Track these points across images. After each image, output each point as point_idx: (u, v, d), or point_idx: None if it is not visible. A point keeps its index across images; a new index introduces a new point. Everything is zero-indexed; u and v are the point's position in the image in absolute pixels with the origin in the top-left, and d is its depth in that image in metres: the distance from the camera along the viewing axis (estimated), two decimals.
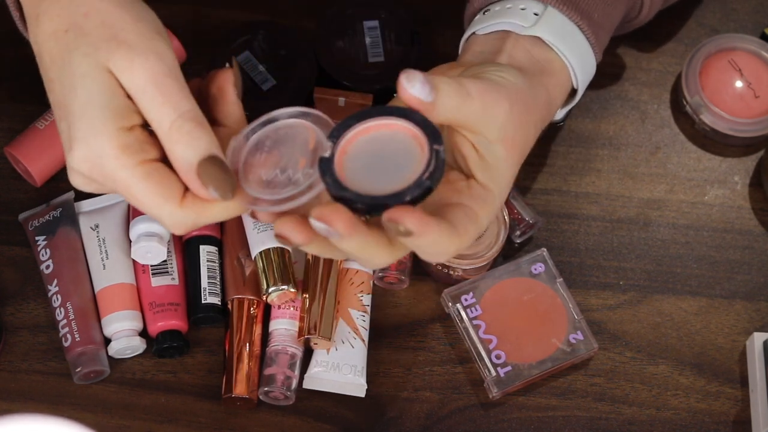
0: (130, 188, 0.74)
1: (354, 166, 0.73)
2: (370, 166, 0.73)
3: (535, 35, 0.85)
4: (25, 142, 0.96)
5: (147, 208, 0.75)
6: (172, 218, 0.74)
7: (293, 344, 0.92)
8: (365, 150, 0.74)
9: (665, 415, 0.94)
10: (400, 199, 0.72)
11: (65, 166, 0.97)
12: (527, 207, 0.97)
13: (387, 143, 0.74)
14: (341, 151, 0.74)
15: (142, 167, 0.73)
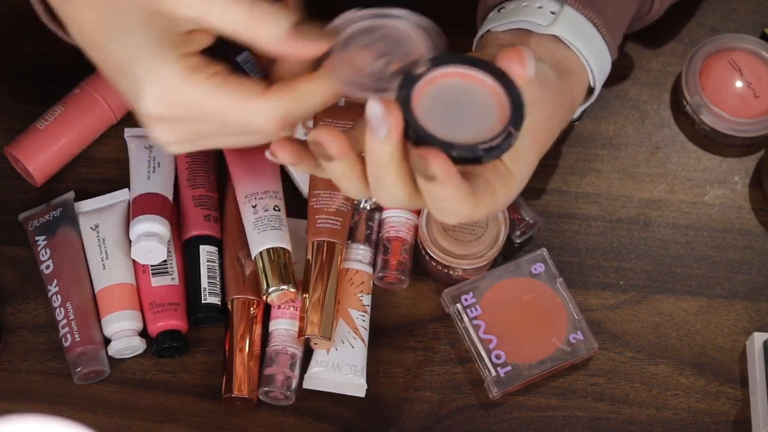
0: (208, 102, 0.73)
1: (430, 102, 0.73)
2: (444, 108, 0.73)
3: (554, 34, 0.84)
4: (25, 142, 0.96)
5: (233, 115, 0.73)
6: (262, 114, 0.73)
7: (293, 344, 0.92)
8: (445, 92, 0.73)
9: (665, 415, 0.94)
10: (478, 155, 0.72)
11: (65, 165, 0.97)
12: (527, 207, 0.97)
13: (470, 95, 0.74)
14: (426, 81, 0.73)
15: (213, 79, 0.73)
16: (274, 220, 0.93)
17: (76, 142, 0.97)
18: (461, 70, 0.74)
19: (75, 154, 0.98)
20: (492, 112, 0.73)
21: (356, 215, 0.96)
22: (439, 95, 0.73)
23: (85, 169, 0.98)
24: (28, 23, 1.01)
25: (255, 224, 0.93)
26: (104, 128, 0.98)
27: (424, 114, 0.72)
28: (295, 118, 0.75)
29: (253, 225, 0.93)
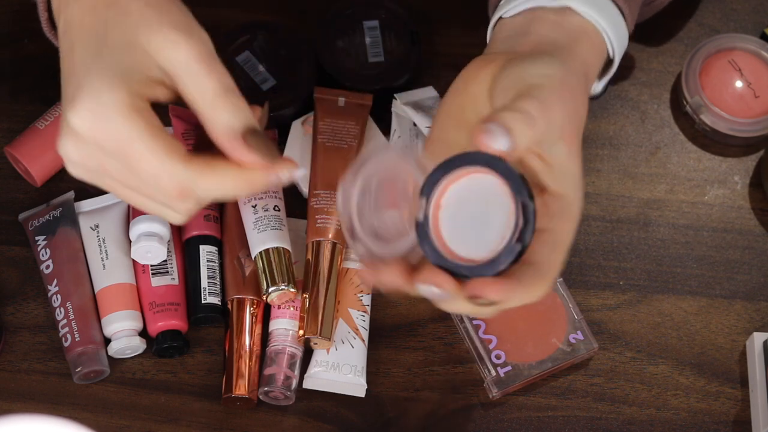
0: (134, 144, 0.72)
1: (449, 223, 0.73)
2: (464, 221, 0.73)
3: (566, 6, 0.82)
4: (25, 142, 0.96)
5: (147, 164, 0.73)
6: (173, 174, 0.73)
7: (293, 344, 0.92)
8: (457, 203, 0.73)
9: (665, 415, 0.94)
10: (496, 268, 0.72)
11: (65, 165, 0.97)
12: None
13: (477, 193, 0.73)
14: (435, 206, 0.73)
15: (149, 128, 0.73)
16: (274, 220, 0.93)
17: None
18: (451, 178, 0.73)
19: None
20: (501, 193, 0.72)
21: None
22: (452, 214, 0.73)
23: None
24: (28, 23, 1.01)
25: (255, 224, 0.93)
26: None
27: (456, 242, 0.73)
28: (200, 196, 0.74)
29: (253, 225, 0.93)
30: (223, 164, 0.74)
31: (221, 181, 0.74)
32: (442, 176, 0.73)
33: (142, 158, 0.73)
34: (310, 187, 0.95)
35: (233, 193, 0.75)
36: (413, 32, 1.01)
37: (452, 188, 0.73)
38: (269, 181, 0.74)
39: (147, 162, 0.73)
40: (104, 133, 0.73)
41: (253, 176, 0.74)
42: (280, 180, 0.74)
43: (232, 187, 0.74)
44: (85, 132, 0.73)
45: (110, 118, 0.72)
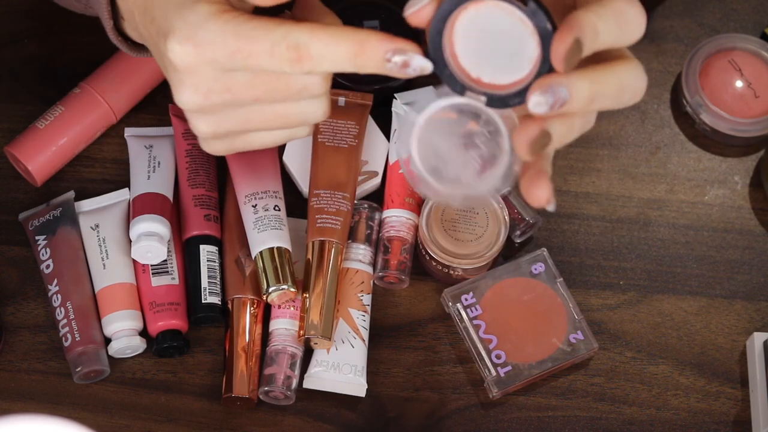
0: (239, 34, 0.70)
1: (466, 48, 0.71)
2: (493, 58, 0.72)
3: None
4: (25, 142, 0.96)
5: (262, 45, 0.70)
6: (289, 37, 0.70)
7: (293, 344, 0.92)
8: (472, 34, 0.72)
9: (665, 415, 0.94)
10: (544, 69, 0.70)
11: (65, 165, 0.97)
12: (527, 207, 0.97)
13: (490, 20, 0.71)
14: (449, 41, 0.71)
15: (245, 14, 0.72)
16: (274, 220, 0.93)
17: (76, 142, 0.97)
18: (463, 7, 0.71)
19: (75, 154, 0.98)
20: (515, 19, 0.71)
21: (356, 215, 0.96)
22: (469, 41, 0.71)
23: (85, 168, 0.98)
24: (29, 23, 1.01)
25: (255, 224, 0.93)
26: (104, 128, 0.98)
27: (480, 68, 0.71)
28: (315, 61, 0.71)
29: (253, 225, 0.93)
30: (336, 27, 0.72)
31: (334, 39, 0.71)
32: (452, 9, 0.71)
33: (252, 41, 0.71)
34: (311, 187, 0.95)
35: (345, 54, 0.71)
36: (413, 32, 1.01)
37: (461, 21, 0.72)
38: (383, 49, 0.71)
39: (259, 42, 0.71)
40: (211, 46, 0.71)
41: (367, 39, 0.71)
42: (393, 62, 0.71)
43: (345, 47, 0.71)
44: (193, 58, 0.71)
45: (209, 28, 0.71)
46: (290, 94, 0.74)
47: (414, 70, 0.72)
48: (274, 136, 0.78)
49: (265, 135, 0.77)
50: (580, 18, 0.70)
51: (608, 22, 0.71)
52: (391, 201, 0.96)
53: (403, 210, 0.96)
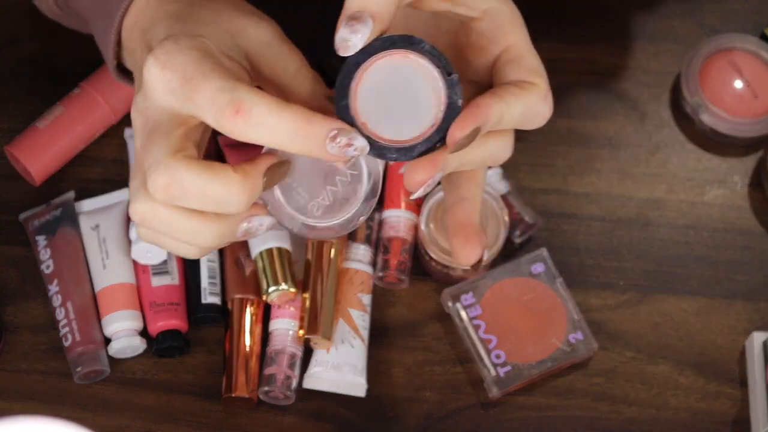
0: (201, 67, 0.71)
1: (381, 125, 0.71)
2: (394, 113, 0.71)
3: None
4: (24, 141, 0.96)
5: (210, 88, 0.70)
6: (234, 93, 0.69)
7: (293, 344, 0.92)
8: (375, 99, 0.71)
9: (665, 414, 0.94)
10: (456, 108, 0.70)
11: (65, 166, 0.97)
12: (527, 207, 0.97)
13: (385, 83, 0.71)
14: (353, 96, 0.71)
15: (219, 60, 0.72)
16: None
17: (76, 142, 0.97)
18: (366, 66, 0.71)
19: (75, 154, 0.98)
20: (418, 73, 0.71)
21: None
22: (374, 101, 0.72)
23: (85, 169, 0.98)
24: (29, 23, 1.01)
25: None
26: (104, 128, 0.98)
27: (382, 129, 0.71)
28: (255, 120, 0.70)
29: None
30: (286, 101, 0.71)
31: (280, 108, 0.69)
32: (356, 66, 0.71)
33: (206, 78, 0.70)
34: None
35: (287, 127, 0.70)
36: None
37: (361, 90, 0.72)
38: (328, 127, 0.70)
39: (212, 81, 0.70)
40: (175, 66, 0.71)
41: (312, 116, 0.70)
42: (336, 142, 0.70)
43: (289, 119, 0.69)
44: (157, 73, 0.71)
45: (184, 53, 0.71)
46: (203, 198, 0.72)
47: (356, 150, 0.71)
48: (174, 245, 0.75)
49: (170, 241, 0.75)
50: (488, 108, 0.70)
51: (515, 114, 0.72)
52: (390, 201, 0.96)
53: (402, 210, 0.96)
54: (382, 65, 0.72)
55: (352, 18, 0.71)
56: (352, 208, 0.73)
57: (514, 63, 0.74)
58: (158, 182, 0.70)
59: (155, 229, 0.72)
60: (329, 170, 0.73)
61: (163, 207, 0.71)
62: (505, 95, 0.72)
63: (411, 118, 0.71)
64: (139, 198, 0.71)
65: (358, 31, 0.71)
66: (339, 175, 0.73)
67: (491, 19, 0.74)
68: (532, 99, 0.72)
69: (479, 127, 0.70)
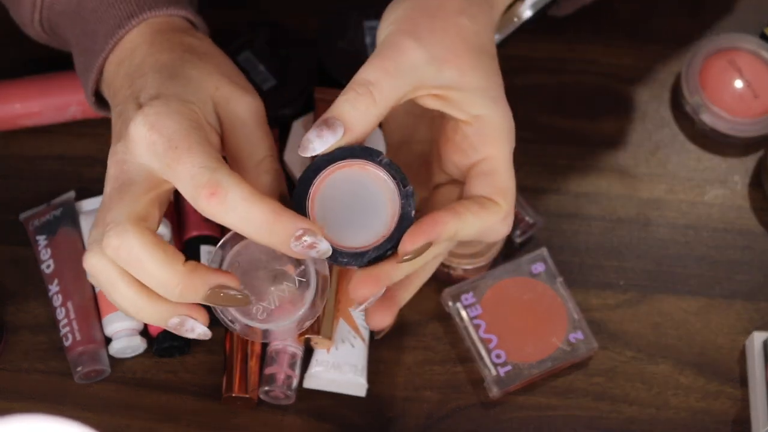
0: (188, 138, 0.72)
1: (336, 231, 0.74)
2: (347, 219, 0.74)
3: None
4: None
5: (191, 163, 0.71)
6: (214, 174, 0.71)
7: (294, 344, 0.92)
8: (329, 209, 0.74)
9: (665, 414, 0.94)
10: (409, 219, 0.73)
11: (65, 165, 0.97)
12: (527, 207, 0.97)
13: (337, 193, 0.74)
14: (311, 205, 0.74)
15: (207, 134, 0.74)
16: None
17: (44, 108, 0.97)
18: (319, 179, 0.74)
19: (29, 124, 0.98)
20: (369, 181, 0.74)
21: None
22: (330, 210, 0.74)
23: (85, 169, 0.98)
24: None
25: None
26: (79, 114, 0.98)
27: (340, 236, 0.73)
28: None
29: None
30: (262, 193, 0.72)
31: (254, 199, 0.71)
32: (305, 195, 0.74)
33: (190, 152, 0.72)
34: None
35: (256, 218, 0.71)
36: None
37: (316, 202, 0.74)
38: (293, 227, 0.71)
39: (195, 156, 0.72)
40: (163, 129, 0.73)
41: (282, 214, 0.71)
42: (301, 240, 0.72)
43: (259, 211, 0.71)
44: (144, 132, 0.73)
45: (174, 118, 0.73)
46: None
47: (317, 253, 0.72)
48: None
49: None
50: (444, 226, 0.72)
51: (471, 231, 0.74)
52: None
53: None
54: (340, 175, 0.74)
55: (324, 123, 0.72)
56: (297, 312, 0.74)
57: (485, 177, 0.75)
58: (111, 242, 0.72)
59: (101, 283, 0.74)
60: (278, 273, 0.74)
61: (111, 265, 0.73)
62: (464, 213, 0.73)
63: (365, 226, 0.74)
64: (93, 249, 0.74)
65: (324, 137, 0.73)
66: (287, 279, 0.74)
67: (479, 127, 0.75)
68: (491, 219, 0.74)
69: (432, 241, 0.72)
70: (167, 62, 0.77)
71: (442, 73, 0.74)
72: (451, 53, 0.74)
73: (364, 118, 0.73)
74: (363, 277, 0.73)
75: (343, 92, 0.74)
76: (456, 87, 0.74)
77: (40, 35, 0.88)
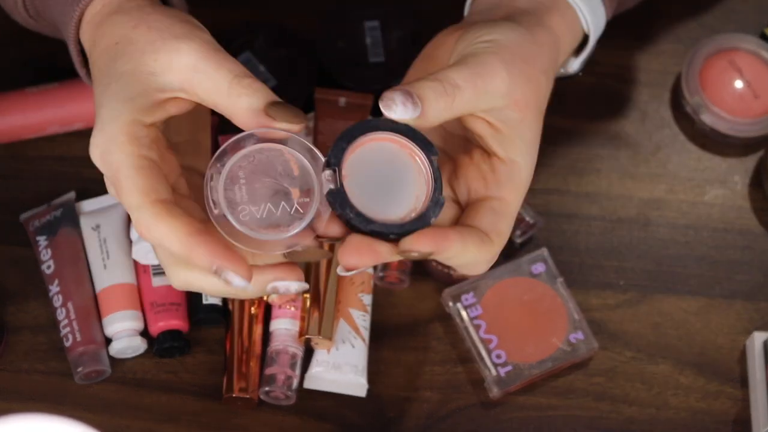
0: (119, 173, 0.74)
1: (358, 190, 0.73)
2: (373, 187, 0.74)
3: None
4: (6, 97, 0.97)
5: (126, 200, 0.74)
6: (141, 218, 0.73)
7: (294, 344, 0.92)
8: (362, 170, 0.74)
9: (665, 414, 0.94)
10: (426, 221, 0.73)
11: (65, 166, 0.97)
12: (528, 207, 0.97)
13: (381, 158, 0.74)
14: (351, 150, 0.74)
15: (139, 158, 0.74)
16: None
17: (50, 120, 0.97)
18: (353, 146, 0.74)
19: (44, 133, 0.97)
20: (404, 157, 0.74)
21: None
22: (360, 182, 0.74)
23: (86, 169, 0.98)
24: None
25: None
26: (84, 125, 0.98)
27: (371, 208, 0.73)
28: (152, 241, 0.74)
29: None
30: (183, 221, 0.72)
31: (169, 235, 0.72)
32: (346, 146, 0.73)
33: (121, 189, 0.74)
34: None
35: (176, 251, 0.73)
36: (414, 32, 1.01)
37: (353, 158, 0.74)
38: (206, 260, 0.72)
39: (124, 194, 0.74)
40: (106, 164, 0.75)
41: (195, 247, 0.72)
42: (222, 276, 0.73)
43: (175, 246, 0.72)
44: (98, 161, 0.76)
45: (110, 150, 0.74)
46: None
47: (235, 286, 0.73)
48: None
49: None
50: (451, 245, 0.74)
51: (463, 259, 0.76)
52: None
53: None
54: (389, 146, 0.74)
55: (411, 96, 0.73)
56: (277, 235, 0.73)
57: (494, 215, 0.76)
58: (140, 226, 0.73)
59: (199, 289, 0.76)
60: (281, 190, 0.74)
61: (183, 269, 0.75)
62: (467, 242, 0.75)
63: (385, 202, 0.74)
64: (168, 272, 0.76)
65: (407, 108, 0.74)
66: (286, 201, 0.74)
67: (510, 169, 0.77)
68: (483, 254, 0.76)
69: (433, 252, 0.73)
70: (102, 67, 0.77)
71: (509, 111, 0.76)
72: (523, 101, 0.77)
73: (436, 113, 0.75)
74: (359, 246, 0.73)
75: (428, 79, 0.75)
76: (511, 127, 0.77)
77: (27, 20, 0.88)
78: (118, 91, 0.75)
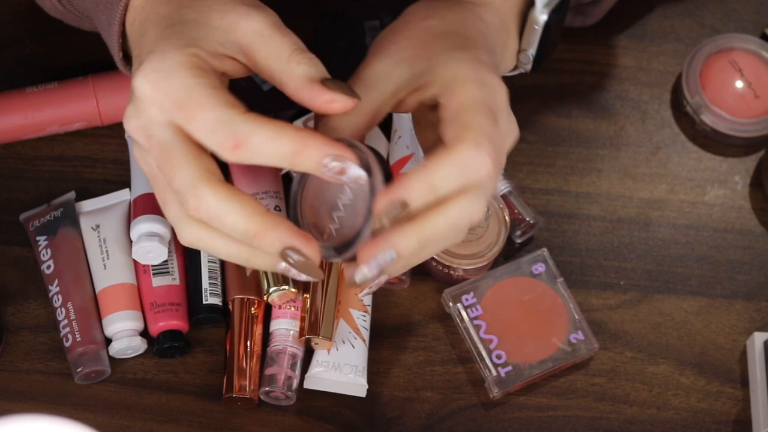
0: (194, 94, 0.72)
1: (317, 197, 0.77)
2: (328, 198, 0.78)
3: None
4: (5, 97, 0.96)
5: (209, 114, 0.72)
6: (233, 124, 0.71)
7: (294, 344, 0.92)
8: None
9: (666, 414, 0.94)
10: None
11: (66, 166, 0.97)
12: (528, 207, 0.97)
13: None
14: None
15: (212, 82, 0.73)
16: None
17: (50, 120, 0.97)
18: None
19: (43, 134, 0.97)
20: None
21: None
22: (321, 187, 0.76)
23: (86, 169, 0.98)
24: (29, 24, 1.01)
25: None
26: (84, 125, 0.98)
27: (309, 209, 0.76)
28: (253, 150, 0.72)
29: None
30: (281, 123, 0.73)
31: (276, 136, 0.72)
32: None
33: (201, 107, 0.72)
34: None
35: (284, 152, 0.72)
36: None
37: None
38: (321, 152, 0.72)
39: (208, 111, 0.72)
40: (167, 88, 0.73)
41: (309, 140, 0.72)
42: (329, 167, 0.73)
43: (286, 145, 0.72)
44: (148, 92, 0.73)
45: (174, 73, 0.73)
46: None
47: (348, 178, 0.73)
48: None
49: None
50: (407, 182, 0.72)
51: (449, 177, 0.73)
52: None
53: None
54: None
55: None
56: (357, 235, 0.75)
57: (450, 124, 0.75)
58: (190, 205, 0.73)
59: (205, 249, 0.76)
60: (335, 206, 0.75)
61: (203, 228, 0.74)
62: (431, 163, 0.72)
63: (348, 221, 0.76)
64: (177, 225, 0.75)
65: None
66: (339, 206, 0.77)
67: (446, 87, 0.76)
68: (460, 156, 0.73)
69: (404, 200, 0.71)
70: (166, 13, 0.77)
71: (413, 68, 0.76)
72: (420, 48, 0.76)
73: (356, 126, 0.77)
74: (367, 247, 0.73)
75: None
76: (428, 71, 0.76)
77: (56, 7, 0.87)
78: (183, 31, 0.75)
